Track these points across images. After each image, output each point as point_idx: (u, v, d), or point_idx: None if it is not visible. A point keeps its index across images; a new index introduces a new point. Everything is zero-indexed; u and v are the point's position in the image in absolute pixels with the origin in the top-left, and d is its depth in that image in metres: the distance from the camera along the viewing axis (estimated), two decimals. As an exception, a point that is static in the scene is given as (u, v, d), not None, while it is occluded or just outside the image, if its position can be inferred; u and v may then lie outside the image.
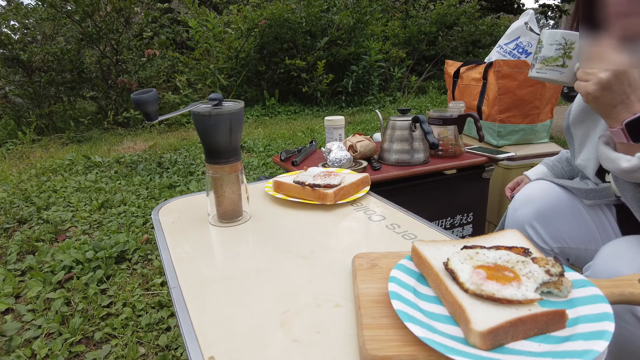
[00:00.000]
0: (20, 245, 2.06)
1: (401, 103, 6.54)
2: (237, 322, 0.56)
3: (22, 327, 1.49)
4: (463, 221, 1.68)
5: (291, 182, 0.98)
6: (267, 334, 0.53)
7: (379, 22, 7.23)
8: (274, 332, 0.53)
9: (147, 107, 0.70)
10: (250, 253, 0.76)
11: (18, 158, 3.98)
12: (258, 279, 0.66)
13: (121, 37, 5.44)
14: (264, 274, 0.68)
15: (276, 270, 0.69)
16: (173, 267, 0.70)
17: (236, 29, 6.25)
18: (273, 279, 0.66)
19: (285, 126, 5.10)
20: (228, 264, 0.72)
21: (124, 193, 2.76)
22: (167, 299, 1.61)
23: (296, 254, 0.74)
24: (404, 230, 0.81)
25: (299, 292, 0.62)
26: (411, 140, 1.47)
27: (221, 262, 0.73)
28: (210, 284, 0.65)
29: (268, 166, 3.33)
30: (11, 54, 4.87)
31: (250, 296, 0.61)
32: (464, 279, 0.50)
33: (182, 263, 0.71)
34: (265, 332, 0.53)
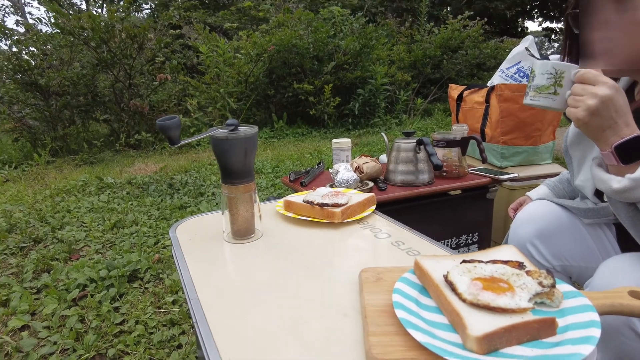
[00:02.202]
0: (35, 263, 2.12)
1: (407, 125, 6.63)
2: (252, 330, 0.60)
3: (38, 343, 1.53)
4: (468, 241, 1.72)
5: (301, 202, 1.03)
6: (280, 341, 0.57)
7: (385, 47, 7.40)
8: (287, 340, 0.57)
9: (170, 132, 0.77)
10: (263, 268, 0.81)
11: (33, 179, 4.09)
12: (271, 291, 0.71)
13: (134, 62, 5.62)
14: (277, 287, 0.72)
15: (288, 284, 0.73)
16: (191, 280, 0.75)
17: (246, 54, 6.44)
18: (285, 291, 0.71)
19: (293, 148, 5.19)
20: (242, 278, 0.77)
21: (135, 213, 2.82)
22: (178, 317, 1.64)
23: (306, 268, 0.79)
24: (408, 247, 0.86)
25: (309, 303, 0.67)
26: (416, 162, 1.52)
27: (236, 276, 0.78)
28: (226, 296, 0.70)
29: (276, 187, 3.39)
30: (30, 79, 5.05)
31: (264, 307, 0.66)
32: (462, 289, 0.55)
33: (200, 276, 0.76)
34: (279, 340, 0.58)
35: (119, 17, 5.45)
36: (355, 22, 7.03)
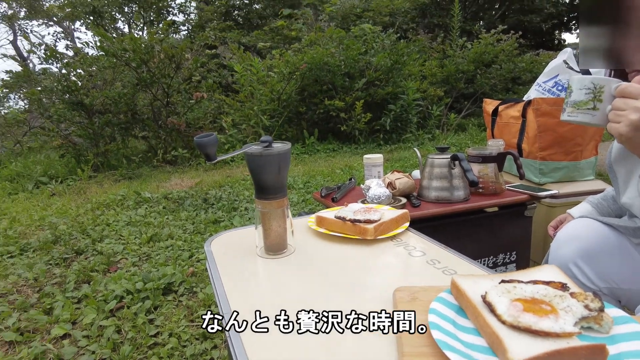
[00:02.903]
0: (77, 274, 2.20)
1: (440, 140, 6.54)
2: (285, 347, 0.60)
3: (78, 352, 1.58)
4: (506, 260, 1.66)
5: (332, 218, 1.03)
6: (313, 358, 0.57)
7: (416, 63, 7.38)
8: (320, 357, 0.57)
9: (207, 149, 0.79)
10: (296, 283, 0.81)
11: (76, 193, 4.29)
12: (303, 307, 0.70)
13: (172, 81, 5.85)
14: (309, 303, 0.72)
15: (320, 301, 0.72)
16: (225, 294, 0.75)
17: (278, 72, 6.58)
18: (317, 308, 0.70)
19: (324, 164, 5.21)
20: (275, 293, 0.77)
21: (171, 227, 2.90)
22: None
23: (338, 285, 0.78)
24: (444, 266, 0.83)
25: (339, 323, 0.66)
26: (450, 178, 1.49)
27: (269, 290, 0.78)
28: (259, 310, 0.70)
29: (307, 202, 3.40)
30: (76, 98, 5.35)
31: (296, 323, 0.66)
32: (501, 311, 0.52)
33: (233, 291, 0.77)
34: (311, 357, 0.57)
35: (158, 39, 5.72)
36: (386, 38, 7.06)
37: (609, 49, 0.85)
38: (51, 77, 5.83)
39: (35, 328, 1.75)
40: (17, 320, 1.80)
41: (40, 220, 3.26)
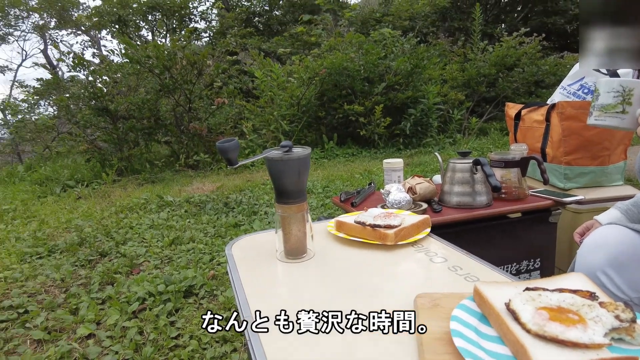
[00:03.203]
0: (101, 276, 2.26)
1: (461, 145, 6.45)
2: (304, 351, 0.60)
3: (102, 352, 1.61)
4: (530, 267, 1.62)
5: (352, 222, 1.03)
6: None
7: (437, 67, 7.32)
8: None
9: (229, 153, 0.80)
10: (315, 288, 0.80)
11: (101, 196, 4.39)
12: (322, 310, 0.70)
13: (194, 87, 5.96)
14: (329, 308, 0.71)
15: (339, 306, 0.72)
16: (246, 298, 0.76)
17: (298, 78, 6.62)
18: (337, 313, 0.70)
19: (343, 168, 5.20)
20: (295, 297, 0.77)
21: (192, 231, 2.94)
22: (230, 334, 1.67)
23: (358, 291, 0.77)
24: (466, 273, 0.82)
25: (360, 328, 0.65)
26: (472, 183, 1.47)
27: (288, 294, 0.79)
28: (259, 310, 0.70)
29: (326, 207, 3.40)
30: (102, 104, 5.51)
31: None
32: (525, 319, 0.51)
33: (254, 295, 0.77)
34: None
35: (180, 46, 5.84)
36: (406, 43, 7.03)
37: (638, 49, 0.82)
38: (78, 84, 6.02)
39: (62, 327, 1.79)
40: (45, 319, 1.85)
41: (67, 222, 3.35)
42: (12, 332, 1.78)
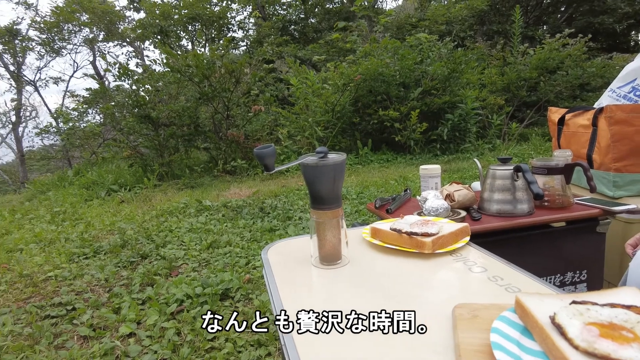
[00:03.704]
0: (142, 277, 2.34)
1: (501, 151, 6.25)
2: (338, 351, 0.59)
3: (142, 351, 1.67)
4: (575, 279, 1.54)
5: (388, 229, 1.01)
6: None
7: (475, 71, 7.15)
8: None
9: (266, 160, 0.81)
10: (349, 295, 0.80)
11: (143, 201, 4.57)
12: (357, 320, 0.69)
13: (232, 95, 6.11)
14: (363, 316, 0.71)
15: (375, 314, 0.71)
16: (281, 301, 0.76)
17: (333, 84, 6.65)
18: (372, 321, 0.69)
19: (377, 174, 5.16)
20: (330, 304, 0.76)
21: (229, 235, 3.00)
22: (265, 338, 1.68)
23: (394, 299, 0.76)
24: (507, 283, 0.79)
25: (395, 338, 0.64)
26: (513, 190, 1.42)
27: (323, 301, 0.78)
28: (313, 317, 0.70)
29: (361, 213, 3.38)
30: (144, 112, 5.74)
31: (351, 336, 0.65)
32: (573, 334, 0.49)
33: (289, 300, 0.78)
34: None
35: (219, 55, 6.01)
36: (443, 47, 6.92)
37: None
38: (123, 92, 6.31)
39: (106, 325, 1.87)
40: (91, 317, 1.94)
41: (111, 225, 3.51)
42: (61, 327, 1.88)
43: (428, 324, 0.67)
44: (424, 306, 0.74)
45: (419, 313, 0.71)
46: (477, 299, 0.74)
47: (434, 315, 0.69)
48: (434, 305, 0.73)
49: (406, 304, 0.74)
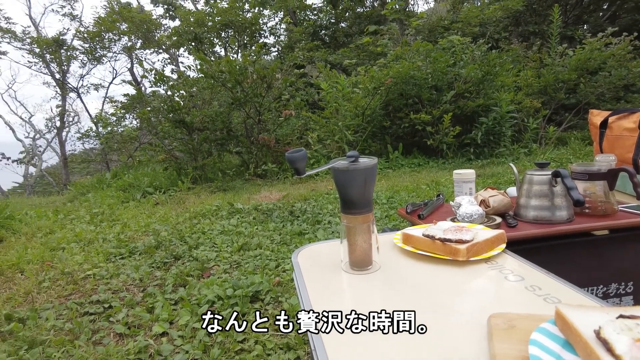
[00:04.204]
0: (175, 278, 2.40)
1: (538, 155, 6.04)
2: (367, 352, 0.58)
3: (174, 350, 1.70)
4: (621, 291, 1.46)
5: (420, 235, 0.99)
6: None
7: (510, 73, 6.96)
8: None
9: (297, 163, 0.82)
10: (380, 302, 0.79)
11: (177, 203, 4.69)
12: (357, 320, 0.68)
13: (263, 100, 6.20)
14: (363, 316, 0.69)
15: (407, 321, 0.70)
16: (311, 305, 0.76)
17: (363, 88, 6.63)
18: (404, 329, 0.68)
19: (408, 179, 5.09)
20: (360, 309, 0.75)
21: (260, 237, 3.03)
22: (294, 342, 1.69)
23: (425, 307, 0.74)
24: (546, 293, 0.76)
25: (427, 346, 0.62)
26: (552, 197, 1.36)
27: (353, 306, 0.77)
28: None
29: (391, 218, 3.34)
30: (179, 117, 5.91)
31: (381, 343, 0.64)
32: (621, 351, 0.46)
33: (319, 304, 0.77)
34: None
35: (251, 61, 6.11)
36: (476, 49, 6.78)
37: None
38: (159, 98, 6.52)
39: (140, 324, 1.93)
40: (126, 315, 2.00)
41: (146, 226, 3.62)
42: (98, 324, 1.95)
43: (461, 332, 0.66)
44: (457, 315, 0.72)
45: (452, 321, 0.69)
46: (513, 308, 0.71)
47: (467, 324, 0.67)
48: (468, 314, 0.71)
49: (439, 312, 0.72)
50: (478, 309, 0.72)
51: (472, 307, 0.75)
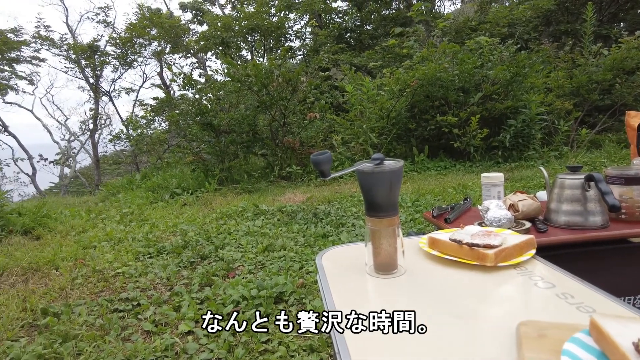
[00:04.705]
0: (201, 277, 2.44)
1: (569, 159, 5.85)
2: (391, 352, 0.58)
3: (199, 349, 1.73)
4: (659, 301, 1.39)
5: (447, 240, 0.98)
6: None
7: (540, 74, 6.76)
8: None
9: (322, 166, 0.82)
10: (405, 306, 0.78)
11: (204, 204, 4.78)
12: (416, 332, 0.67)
13: (289, 103, 6.24)
14: (422, 328, 0.68)
15: (430, 327, 0.69)
16: (335, 308, 0.76)
17: (389, 90, 6.58)
18: (427, 335, 0.66)
19: (434, 182, 5.02)
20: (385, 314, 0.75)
21: (284, 239, 3.05)
22: (317, 344, 1.69)
23: (451, 313, 0.73)
24: (579, 302, 0.73)
25: (453, 352, 0.61)
26: (584, 201, 1.31)
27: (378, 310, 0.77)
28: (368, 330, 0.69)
29: (416, 222, 3.30)
30: (206, 120, 6.02)
31: (405, 348, 0.63)
32: (661, 363, 0.44)
33: (343, 307, 0.77)
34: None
35: (276, 64, 6.17)
36: (505, 50, 6.63)
37: None
38: (187, 101, 6.67)
39: (167, 322, 1.97)
40: (153, 313, 2.05)
41: (174, 226, 3.70)
42: (127, 321, 2.00)
43: (489, 339, 0.64)
44: (484, 321, 0.70)
45: (479, 327, 0.67)
46: (543, 317, 0.69)
47: (494, 331, 0.66)
48: (495, 320, 0.69)
49: (466, 318, 0.71)
50: (506, 316, 0.71)
51: (500, 313, 0.73)
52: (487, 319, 0.71)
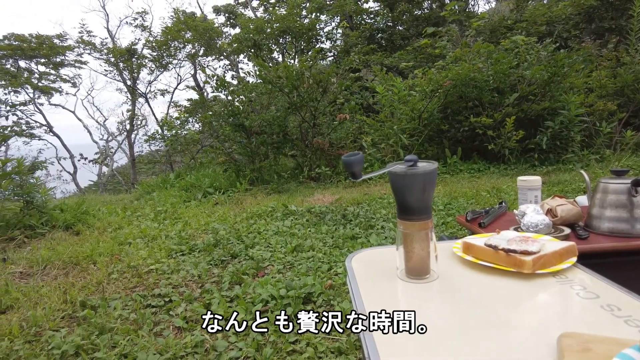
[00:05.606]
0: (231, 276, 2.47)
1: (612, 162, 5.58)
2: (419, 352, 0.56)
3: (228, 347, 1.75)
4: None
5: (482, 245, 0.95)
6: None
7: (580, 74, 6.49)
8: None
9: (354, 167, 0.81)
10: (438, 313, 0.76)
11: (235, 203, 4.85)
12: (445, 340, 0.65)
13: (319, 104, 6.25)
14: (451, 336, 0.66)
15: (465, 335, 0.66)
16: (365, 312, 0.75)
17: (420, 91, 6.48)
18: (462, 344, 0.64)
19: (467, 185, 4.91)
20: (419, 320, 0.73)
21: (312, 240, 3.05)
22: (345, 346, 1.67)
23: (486, 321, 0.70)
24: (627, 315, 0.69)
25: (487, 355, 0.59)
26: (630, 207, 1.25)
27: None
28: (398, 335, 0.67)
29: (448, 225, 3.23)
30: (238, 121, 6.11)
31: (436, 357, 0.61)
32: None
33: (373, 309, 0.76)
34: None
35: (307, 66, 6.19)
36: (542, 49, 6.40)
37: None
38: (220, 103, 6.79)
39: (197, 319, 2.00)
40: (184, 310, 2.09)
41: (205, 225, 3.77)
42: (159, 316, 2.05)
43: (525, 350, 0.61)
44: (521, 331, 0.67)
45: (515, 337, 0.65)
46: (585, 329, 0.66)
47: (532, 342, 0.63)
48: (533, 330, 0.66)
49: (502, 327, 0.68)
50: (544, 327, 0.67)
51: (537, 324, 0.70)
52: (524, 329, 0.68)
